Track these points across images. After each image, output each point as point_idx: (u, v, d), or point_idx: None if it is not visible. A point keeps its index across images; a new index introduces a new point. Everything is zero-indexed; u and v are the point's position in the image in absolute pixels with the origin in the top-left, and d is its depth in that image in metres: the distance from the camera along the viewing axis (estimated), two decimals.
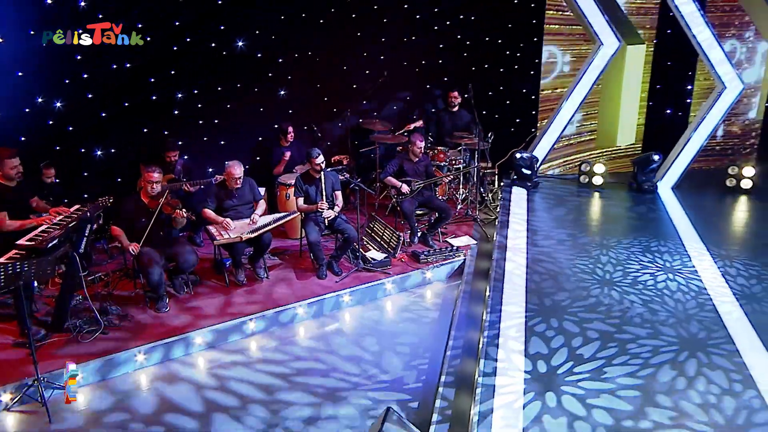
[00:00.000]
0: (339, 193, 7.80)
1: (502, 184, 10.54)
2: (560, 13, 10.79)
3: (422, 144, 8.44)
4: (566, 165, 11.68)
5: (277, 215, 7.70)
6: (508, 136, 11.19)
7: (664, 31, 11.25)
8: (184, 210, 6.93)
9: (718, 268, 7.71)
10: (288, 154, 9.03)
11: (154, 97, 8.68)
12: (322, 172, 7.59)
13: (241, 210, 7.46)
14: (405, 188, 8.29)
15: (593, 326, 6.40)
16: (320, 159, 7.55)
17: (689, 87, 11.64)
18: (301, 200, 7.62)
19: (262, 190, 8.15)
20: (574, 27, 10.91)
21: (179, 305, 6.92)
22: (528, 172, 10.48)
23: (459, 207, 9.62)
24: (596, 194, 10.51)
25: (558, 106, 10.82)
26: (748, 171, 10.45)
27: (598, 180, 10.60)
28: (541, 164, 10.87)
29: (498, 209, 9.61)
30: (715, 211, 10.04)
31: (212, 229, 7.23)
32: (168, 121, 8.86)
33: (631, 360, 5.81)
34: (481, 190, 9.90)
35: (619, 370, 5.64)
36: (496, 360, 5.80)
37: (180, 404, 5.58)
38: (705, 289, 7.22)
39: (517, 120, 11.49)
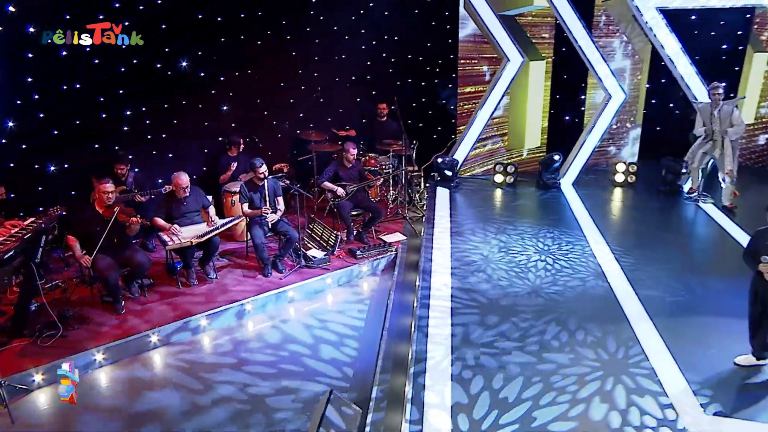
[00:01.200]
0: (281, 199, 7.64)
1: (427, 185, 10.57)
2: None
3: (354, 151, 8.38)
4: (483, 166, 11.81)
5: (224, 220, 7.49)
6: (431, 142, 11.25)
7: (560, 49, 11.52)
8: (138, 216, 6.72)
9: (612, 252, 7.97)
10: (234, 165, 8.81)
11: (103, 115, 8.36)
12: (265, 180, 7.44)
13: (189, 216, 7.22)
14: (340, 191, 8.21)
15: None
16: (263, 168, 7.40)
17: (582, 97, 11.95)
18: (245, 206, 7.43)
19: (209, 198, 7.93)
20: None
21: (135, 307, 6.64)
22: (449, 173, 10.55)
23: (390, 207, 9.59)
24: (509, 191, 10.66)
25: (473, 114, 10.91)
26: (632, 168, 10.82)
27: (510, 179, 10.75)
28: (461, 166, 10.94)
29: (424, 207, 9.64)
30: (605, 201, 10.32)
31: (163, 235, 6.97)
32: (118, 137, 8.54)
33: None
34: (409, 191, 9.90)
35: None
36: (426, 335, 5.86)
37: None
38: (599, 265, 7.52)
39: (439, 128, 11.54)
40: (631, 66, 11.80)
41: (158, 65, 8.73)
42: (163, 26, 8.55)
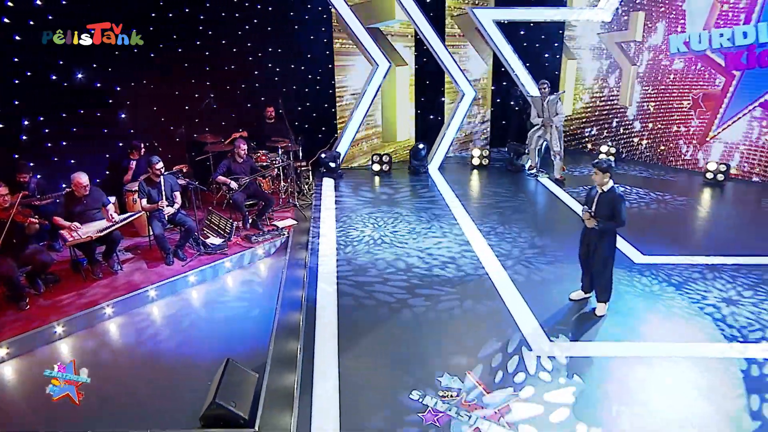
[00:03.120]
0: (178, 193, 7.13)
1: (314, 177, 10.33)
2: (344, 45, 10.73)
3: (245, 146, 7.99)
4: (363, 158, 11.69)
5: (124, 215, 6.90)
6: (317, 140, 11.02)
7: (421, 59, 11.58)
8: (36, 216, 6.03)
9: (473, 221, 8.13)
10: (133, 163, 8.18)
11: (0, 126, 7.43)
12: (162, 176, 6.91)
13: (89, 214, 6.58)
14: (233, 184, 7.80)
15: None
16: (160, 164, 6.88)
17: (442, 99, 12.10)
18: (144, 201, 6.88)
19: (112, 199, 7.30)
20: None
21: (40, 302, 5.97)
22: (333, 165, 10.37)
23: (283, 197, 9.27)
24: (385, 177, 10.63)
25: (350, 114, 10.77)
26: (485, 152, 11.13)
27: (386, 167, 10.73)
28: (342, 159, 10.77)
29: (312, 196, 9.40)
30: (465, 181, 10.52)
31: (64, 233, 6.31)
32: (17, 146, 7.65)
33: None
34: (298, 182, 9.63)
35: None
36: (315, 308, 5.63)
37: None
38: (467, 239, 7.57)
39: (323, 128, 11.31)
40: (479, 71, 12.11)
41: (53, 77, 7.90)
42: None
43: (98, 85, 8.42)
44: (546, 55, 12.17)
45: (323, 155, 10.38)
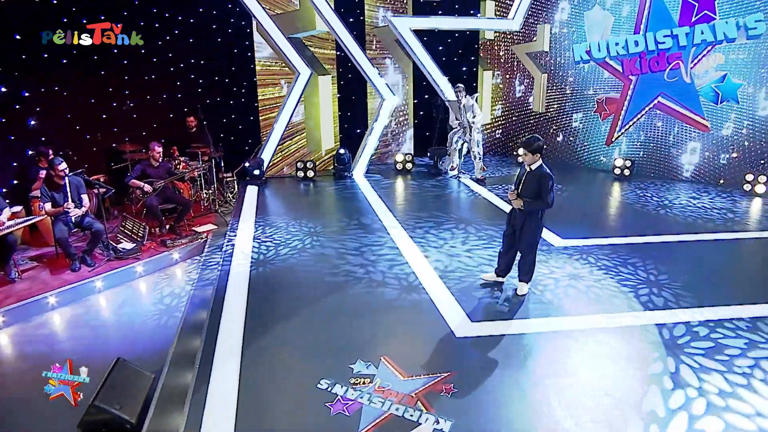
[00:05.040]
0: (85, 196, 6.40)
1: (238, 187, 9.70)
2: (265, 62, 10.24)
3: (160, 149, 7.35)
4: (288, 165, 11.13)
5: (22, 219, 6.10)
6: (243, 152, 10.45)
7: (346, 75, 11.22)
8: None
9: (396, 218, 7.74)
10: (43, 173, 7.35)
11: None
12: (66, 178, 6.17)
13: None
14: (147, 188, 7.13)
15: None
16: (63, 165, 6.16)
17: (366, 111, 11.76)
18: (48, 205, 6.12)
19: (18, 207, 6.49)
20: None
21: None
22: (257, 172, 9.79)
23: (205, 204, 8.60)
24: (310, 183, 10.13)
25: (273, 123, 10.23)
26: (408, 157, 10.87)
27: (310, 173, 10.24)
28: (267, 167, 10.19)
29: (234, 202, 8.79)
30: (391, 185, 10.12)
31: None
32: None
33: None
34: (222, 190, 9.01)
35: None
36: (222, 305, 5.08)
37: None
38: (390, 236, 7.16)
39: (249, 140, 10.74)
40: (402, 81, 11.89)
41: None
42: None
43: (4, 90, 7.57)
44: (464, 69, 12.15)
45: (247, 164, 9.80)
